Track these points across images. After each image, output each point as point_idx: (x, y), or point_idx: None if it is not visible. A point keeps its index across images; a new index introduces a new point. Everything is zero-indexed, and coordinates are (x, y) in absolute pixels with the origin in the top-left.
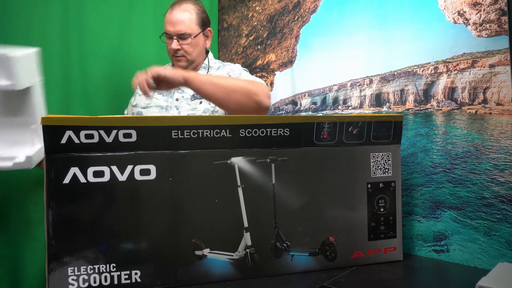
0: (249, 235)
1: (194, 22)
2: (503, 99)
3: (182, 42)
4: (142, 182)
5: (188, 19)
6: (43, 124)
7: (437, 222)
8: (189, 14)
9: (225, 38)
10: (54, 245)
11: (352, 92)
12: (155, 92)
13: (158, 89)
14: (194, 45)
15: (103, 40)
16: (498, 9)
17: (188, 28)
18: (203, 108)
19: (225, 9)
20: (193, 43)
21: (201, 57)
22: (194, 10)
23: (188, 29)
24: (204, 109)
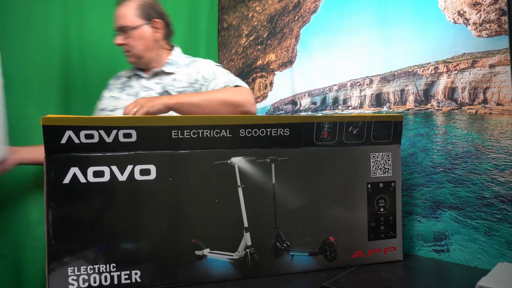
0: (249, 235)
1: (133, 14)
2: (503, 99)
3: (125, 36)
4: (142, 182)
5: (127, 12)
6: (43, 124)
7: (437, 222)
8: (128, 7)
9: (225, 38)
10: (54, 245)
11: (352, 92)
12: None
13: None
14: (138, 38)
15: (103, 40)
16: (498, 9)
17: (127, 20)
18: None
19: (225, 9)
20: (136, 36)
21: (151, 52)
22: (135, 2)
23: (127, 22)
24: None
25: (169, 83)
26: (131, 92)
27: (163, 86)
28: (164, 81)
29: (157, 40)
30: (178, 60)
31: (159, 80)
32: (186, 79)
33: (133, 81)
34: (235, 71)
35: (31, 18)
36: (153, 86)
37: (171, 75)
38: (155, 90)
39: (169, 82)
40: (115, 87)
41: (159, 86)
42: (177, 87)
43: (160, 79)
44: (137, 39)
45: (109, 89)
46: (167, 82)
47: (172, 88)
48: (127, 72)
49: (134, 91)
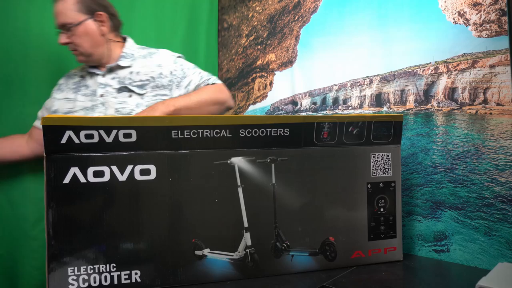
0: (249, 235)
1: (74, 9)
2: (503, 99)
3: (68, 34)
4: (142, 182)
5: (66, 7)
6: (43, 124)
7: (437, 222)
8: (67, 2)
9: (225, 38)
10: (54, 245)
11: (352, 92)
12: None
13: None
14: (82, 35)
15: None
16: (498, 9)
17: (68, 17)
18: (136, 103)
19: (225, 9)
20: (80, 33)
21: (100, 48)
22: None
23: (68, 19)
24: (137, 103)
25: (127, 77)
26: (87, 92)
27: (120, 81)
28: (120, 75)
29: (104, 34)
30: (133, 52)
31: (115, 75)
32: (144, 72)
33: (87, 80)
34: (235, 71)
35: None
36: (110, 81)
37: (128, 69)
38: (112, 85)
39: (126, 75)
40: (68, 88)
41: (115, 81)
42: (135, 81)
43: (116, 74)
44: (81, 36)
45: (60, 89)
46: (123, 75)
47: (130, 82)
48: (79, 70)
49: (90, 90)
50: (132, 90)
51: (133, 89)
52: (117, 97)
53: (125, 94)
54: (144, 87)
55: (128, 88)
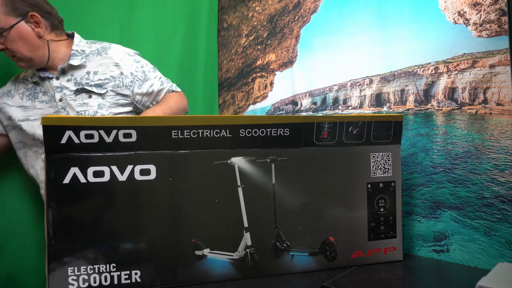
0: (249, 235)
1: (1, 13)
2: (503, 99)
3: (2, 40)
4: (142, 182)
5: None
6: (43, 124)
7: (437, 222)
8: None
9: (225, 38)
10: (54, 245)
11: (352, 92)
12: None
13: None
14: (17, 39)
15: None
16: (498, 9)
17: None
18: (97, 103)
19: (225, 9)
20: (13, 37)
21: (40, 50)
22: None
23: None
24: (99, 104)
25: (84, 77)
26: (45, 98)
27: (77, 82)
28: (77, 76)
29: (42, 36)
30: (84, 49)
31: (70, 76)
32: (102, 71)
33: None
34: (234, 71)
35: None
36: (66, 84)
37: (83, 69)
38: (69, 88)
39: (83, 76)
40: (20, 94)
41: (71, 83)
42: (93, 80)
43: (71, 75)
44: (16, 40)
45: (10, 95)
46: (80, 76)
47: (88, 82)
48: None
49: (49, 96)
50: (91, 90)
51: (92, 89)
52: (76, 100)
53: (84, 96)
54: (103, 86)
55: (86, 89)
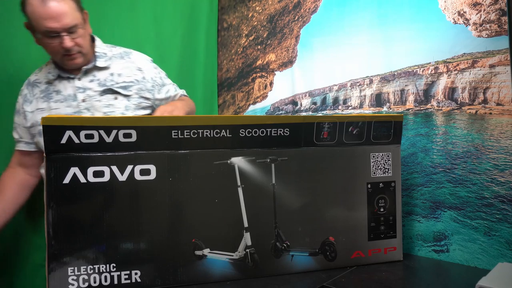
0: (249, 235)
1: (76, 9)
2: (503, 99)
3: (73, 36)
4: (142, 182)
5: (68, 7)
6: (43, 124)
7: (437, 222)
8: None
9: (225, 38)
10: (54, 245)
11: (352, 92)
12: (50, 101)
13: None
14: (83, 35)
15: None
16: (498, 9)
17: (75, 18)
18: (124, 105)
19: (225, 9)
20: (82, 33)
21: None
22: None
23: (75, 20)
24: (126, 106)
25: (108, 79)
26: (60, 97)
27: (101, 83)
28: (100, 77)
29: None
30: (106, 52)
31: (92, 77)
32: (126, 74)
33: (58, 85)
34: (234, 71)
35: None
36: (89, 84)
37: (107, 70)
38: (92, 88)
39: (107, 77)
40: (36, 98)
41: (95, 84)
42: (117, 82)
43: (93, 76)
44: (83, 36)
45: (27, 101)
46: (104, 78)
47: (113, 84)
48: (43, 77)
49: (64, 96)
50: (117, 92)
51: (118, 90)
52: (101, 101)
53: (109, 97)
54: (128, 88)
55: (113, 89)
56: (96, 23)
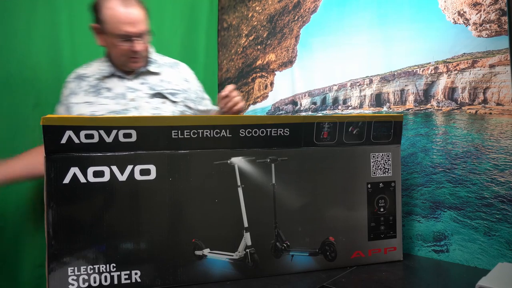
0: (249, 235)
1: (145, 16)
2: (503, 99)
3: (142, 41)
4: (142, 182)
5: (144, 15)
6: (43, 124)
7: (437, 222)
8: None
9: (225, 38)
10: (54, 245)
11: (352, 92)
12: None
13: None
14: (148, 41)
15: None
16: (498, 9)
17: (145, 25)
18: (170, 110)
19: (225, 9)
20: (148, 38)
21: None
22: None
23: (146, 26)
24: (172, 111)
25: (158, 84)
26: (110, 94)
27: (151, 87)
28: (150, 81)
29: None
30: (157, 59)
31: (143, 80)
32: (175, 82)
33: (109, 82)
34: (234, 71)
35: (32, 19)
36: (138, 86)
37: (157, 76)
38: (142, 90)
39: (157, 82)
40: (84, 91)
41: (145, 87)
42: (167, 88)
43: (144, 79)
44: (148, 41)
45: (74, 93)
46: (154, 82)
47: (162, 89)
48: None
49: (115, 93)
50: (166, 97)
51: (167, 96)
52: (150, 103)
53: (158, 100)
54: (176, 95)
55: (162, 94)
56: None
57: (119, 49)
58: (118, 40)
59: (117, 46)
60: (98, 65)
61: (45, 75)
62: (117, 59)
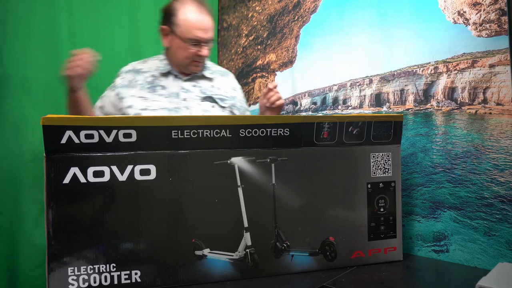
0: (249, 235)
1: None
2: (503, 99)
3: (207, 47)
4: (142, 182)
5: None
6: (43, 124)
7: (436, 222)
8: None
9: (225, 38)
10: (54, 245)
11: (352, 92)
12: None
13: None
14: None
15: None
16: (498, 9)
17: (212, 32)
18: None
19: (225, 9)
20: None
21: None
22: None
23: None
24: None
25: (208, 88)
26: (164, 92)
27: (202, 91)
28: (202, 85)
29: None
30: (211, 66)
31: (195, 83)
32: (224, 89)
33: (165, 80)
34: (234, 71)
35: (31, 18)
36: (191, 88)
37: (210, 81)
38: (194, 92)
39: (208, 87)
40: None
41: (197, 89)
42: (216, 94)
43: (196, 83)
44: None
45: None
46: (205, 87)
47: (212, 94)
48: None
49: (169, 92)
50: (216, 101)
51: (217, 100)
52: (201, 105)
53: (208, 104)
54: (224, 101)
55: (213, 98)
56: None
57: (186, 52)
58: (188, 43)
59: (185, 49)
60: (154, 63)
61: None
62: (180, 61)
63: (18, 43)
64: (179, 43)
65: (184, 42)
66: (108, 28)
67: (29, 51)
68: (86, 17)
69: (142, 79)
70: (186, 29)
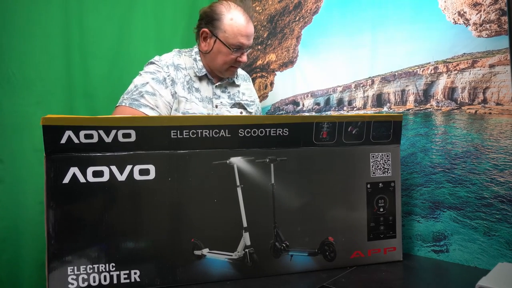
0: (248, 235)
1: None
2: (503, 99)
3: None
4: (141, 182)
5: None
6: (43, 124)
7: (436, 222)
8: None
9: None
10: (54, 244)
11: (356, 93)
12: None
13: None
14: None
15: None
16: (498, 9)
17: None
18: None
19: None
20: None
21: None
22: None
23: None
24: None
25: (236, 94)
26: (198, 96)
27: (230, 96)
28: (230, 91)
29: None
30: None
31: (224, 89)
32: (248, 93)
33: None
34: None
35: (33, 18)
36: (221, 94)
37: (237, 87)
38: (224, 98)
39: (235, 92)
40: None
41: (225, 95)
42: (243, 100)
43: (225, 88)
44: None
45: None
46: (233, 92)
47: (240, 100)
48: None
49: (204, 96)
50: (244, 107)
51: (245, 106)
52: (230, 112)
53: (237, 110)
54: (250, 106)
55: (241, 104)
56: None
57: (227, 58)
58: (230, 49)
59: (227, 54)
60: (188, 60)
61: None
62: (219, 65)
63: (20, 42)
64: (221, 48)
65: (227, 47)
66: (108, 29)
67: (31, 50)
68: (86, 16)
69: (182, 76)
70: (231, 34)
